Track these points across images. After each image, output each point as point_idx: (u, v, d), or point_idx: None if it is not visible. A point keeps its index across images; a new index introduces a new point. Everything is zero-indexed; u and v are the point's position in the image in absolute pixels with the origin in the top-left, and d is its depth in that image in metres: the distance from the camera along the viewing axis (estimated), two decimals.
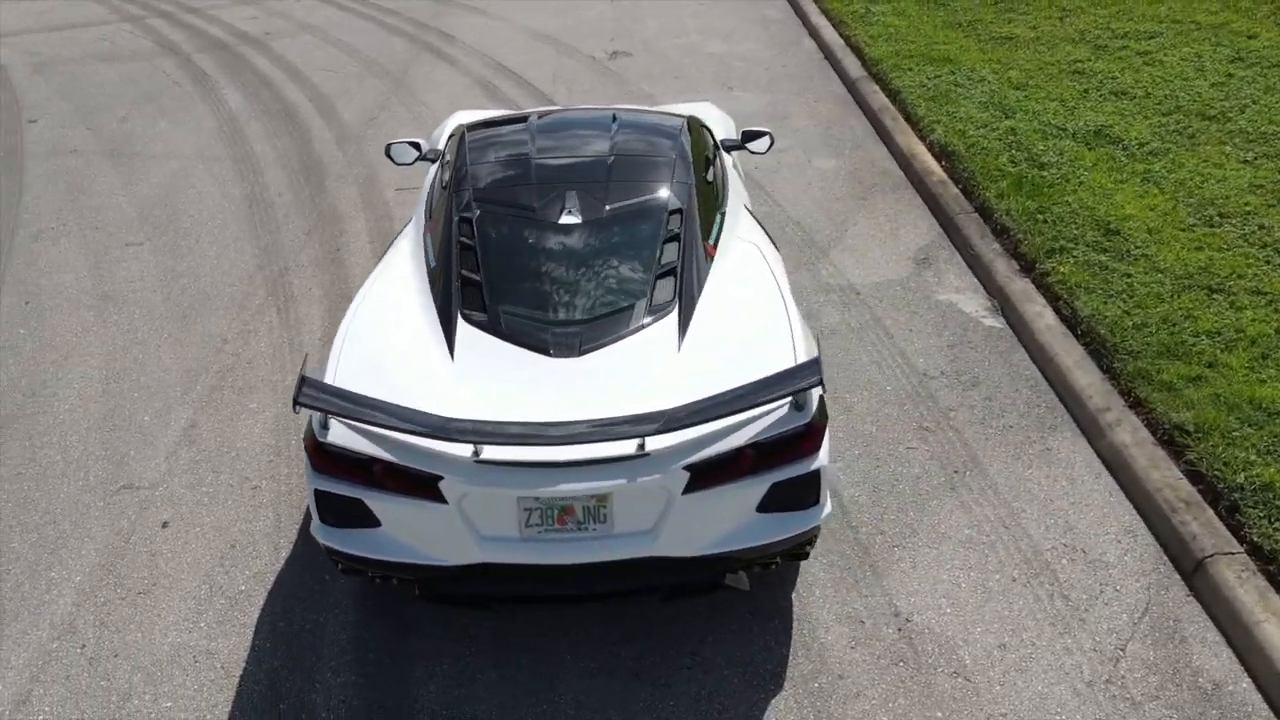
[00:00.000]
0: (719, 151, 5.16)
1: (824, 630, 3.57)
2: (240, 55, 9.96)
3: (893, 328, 5.34)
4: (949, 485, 4.24)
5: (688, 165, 4.28)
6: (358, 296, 3.82)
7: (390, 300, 3.76)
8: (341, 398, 3.02)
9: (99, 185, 7.12)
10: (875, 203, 6.73)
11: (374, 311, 3.68)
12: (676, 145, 4.41)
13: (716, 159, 5.00)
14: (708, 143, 4.90)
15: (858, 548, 3.92)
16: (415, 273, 3.94)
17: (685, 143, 4.46)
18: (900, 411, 4.69)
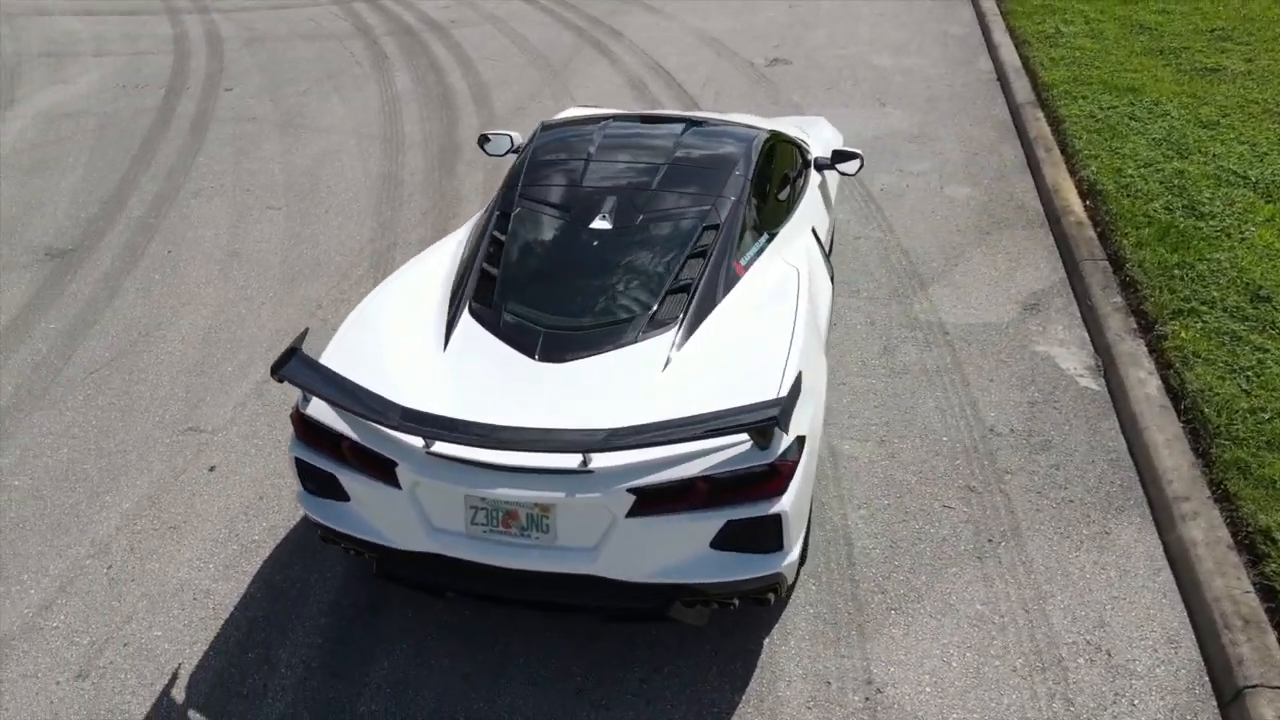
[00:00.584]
0: (806, 170, 4.97)
1: (785, 684, 3.37)
2: (422, 41, 10.56)
3: (972, 375, 4.94)
4: (976, 554, 3.88)
5: (742, 181, 4.14)
6: (386, 279, 3.97)
7: (410, 285, 3.88)
8: (317, 374, 3.15)
9: (262, 152, 7.77)
10: (998, 239, 6.25)
11: (389, 296, 3.81)
12: (738, 159, 4.28)
13: (800, 177, 4.81)
14: (788, 159, 4.73)
15: (852, 603, 3.68)
16: (448, 262, 4.05)
17: (750, 157, 4.32)
18: (949, 466, 4.34)
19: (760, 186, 4.29)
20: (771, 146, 4.61)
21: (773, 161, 4.55)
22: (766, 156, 4.49)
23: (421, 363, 3.43)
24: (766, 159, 4.48)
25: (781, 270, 3.99)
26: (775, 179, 4.51)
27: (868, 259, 6.05)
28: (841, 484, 4.25)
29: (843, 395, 4.81)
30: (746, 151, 4.38)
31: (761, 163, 4.39)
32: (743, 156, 4.33)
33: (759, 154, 4.40)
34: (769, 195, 4.36)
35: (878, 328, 5.35)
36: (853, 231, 6.38)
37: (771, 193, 4.40)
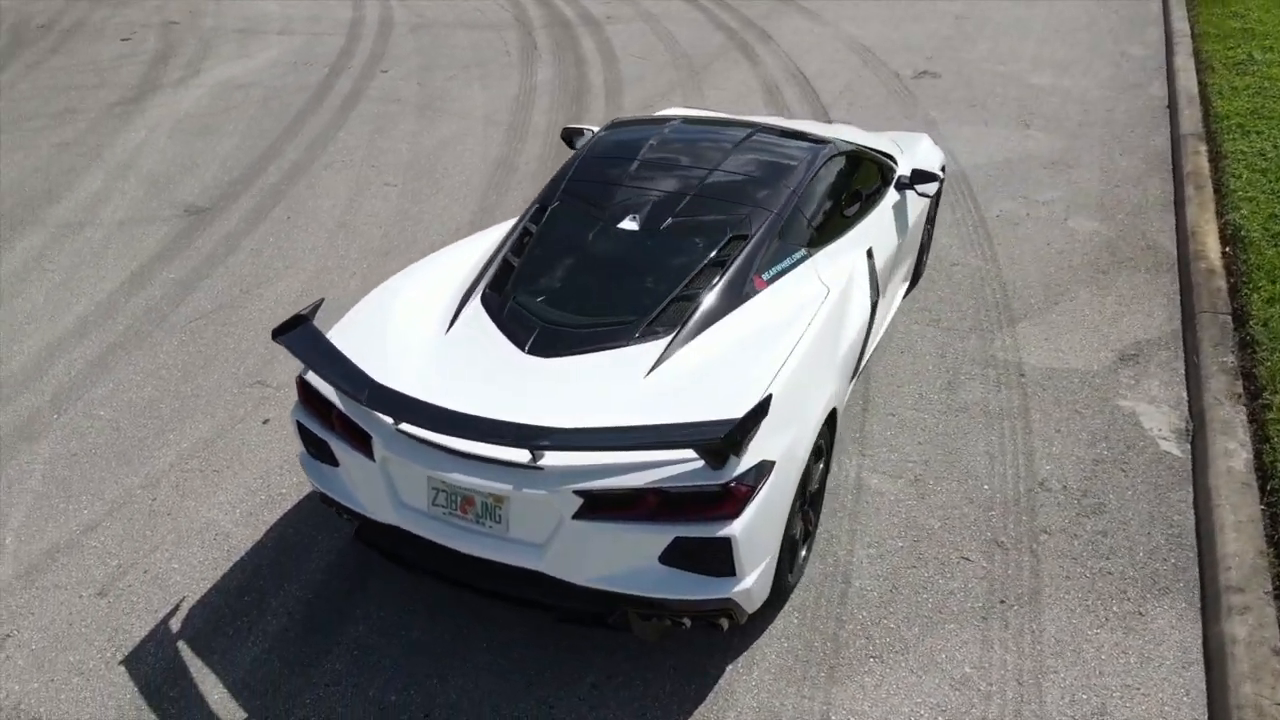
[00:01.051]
0: (883, 188, 4.75)
1: (735, 714, 3.25)
2: (574, 35, 10.80)
3: (1038, 423, 4.57)
4: (982, 614, 3.60)
5: (787, 194, 4.01)
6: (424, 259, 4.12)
7: (441, 267, 4.00)
8: (311, 343, 3.31)
9: (396, 131, 8.21)
10: (1114, 279, 5.74)
11: (415, 275, 3.94)
12: (791, 172, 4.14)
13: (872, 195, 4.61)
14: (858, 176, 4.54)
15: (830, 643, 3.49)
16: (482, 249, 4.14)
17: (805, 171, 4.17)
18: (981, 516, 4.04)
19: (811, 201, 4.14)
20: (837, 161, 4.43)
21: (834, 177, 4.38)
22: (826, 171, 4.32)
23: (421, 343, 3.53)
24: (825, 174, 4.31)
25: (812, 289, 3.84)
26: (833, 195, 4.34)
27: (959, 288, 5.70)
28: (858, 519, 4.05)
29: (888, 427, 4.57)
30: (803, 165, 4.23)
31: (818, 177, 4.23)
32: (797, 169, 4.19)
33: (817, 168, 4.25)
34: (821, 211, 4.19)
35: (947, 361, 5.04)
36: (951, 258, 6.03)
37: (825, 208, 4.23)
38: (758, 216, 3.91)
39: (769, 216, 3.92)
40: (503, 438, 2.89)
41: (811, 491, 3.68)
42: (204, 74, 9.61)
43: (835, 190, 4.38)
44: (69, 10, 11.87)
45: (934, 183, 4.81)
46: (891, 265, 4.71)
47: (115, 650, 3.53)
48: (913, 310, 5.50)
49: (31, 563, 3.93)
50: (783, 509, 3.17)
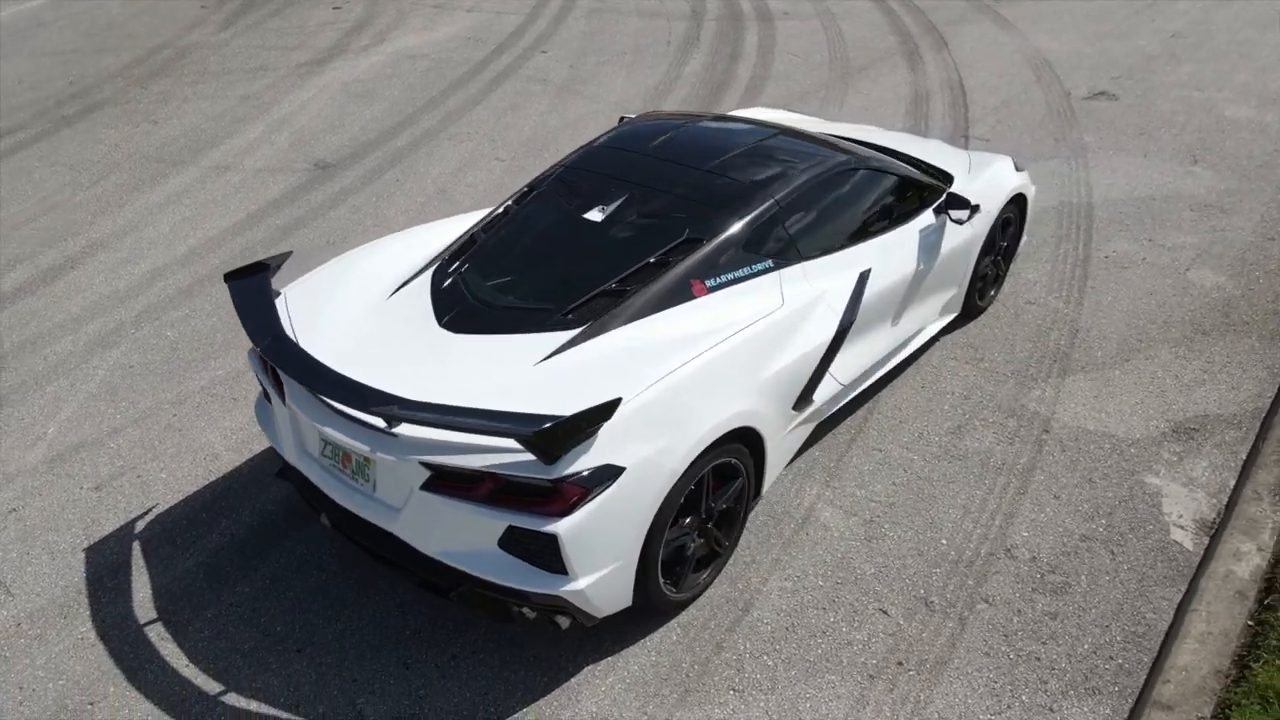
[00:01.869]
0: (914, 210, 4.45)
1: (571, 715, 3.22)
2: (742, 29, 10.70)
3: (1038, 485, 4.13)
4: (872, 672, 3.33)
5: (764, 202, 3.85)
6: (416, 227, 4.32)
7: (423, 235, 4.17)
8: (250, 292, 3.57)
9: (528, 110, 8.53)
10: (1211, 344, 5.03)
11: (396, 239, 4.15)
12: (780, 181, 3.97)
13: (896, 215, 4.34)
14: (877, 194, 4.30)
15: (699, 667, 3.37)
16: (464, 225, 4.28)
17: (797, 182, 3.99)
18: (923, 571, 3.72)
19: (796, 213, 3.96)
20: (846, 176, 4.20)
21: (837, 191, 4.16)
22: (827, 185, 4.11)
23: (361, 306, 3.72)
24: (826, 187, 4.10)
25: (761, 303, 3.68)
26: (832, 209, 4.12)
27: (1022, 329, 5.21)
28: (789, 549, 3.85)
29: (869, 461, 4.29)
30: (798, 176, 4.04)
31: (813, 190, 4.04)
32: (789, 180, 4.01)
33: (813, 180, 4.05)
34: (808, 224, 4.00)
35: (970, 403, 4.64)
36: (1030, 295, 5.50)
37: (814, 222, 4.03)
38: (719, 222, 3.78)
39: (734, 223, 3.78)
40: (352, 399, 3.03)
41: (718, 510, 3.55)
42: (387, 43, 10.40)
43: (836, 205, 4.15)
44: None
45: (965, 210, 4.43)
46: (906, 292, 4.39)
47: (85, 538, 4.02)
48: (956, 345, 5.09)
49: (60, 452, 4.52)
50: (638, 518, 3.10)
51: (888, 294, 4.28)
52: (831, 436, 4.45)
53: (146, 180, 7.25)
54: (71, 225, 6.60)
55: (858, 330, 4.13)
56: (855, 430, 4.49)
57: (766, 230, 3.88)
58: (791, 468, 4.26)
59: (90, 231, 6.52)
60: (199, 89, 9.10)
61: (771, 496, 4.12)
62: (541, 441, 2.78)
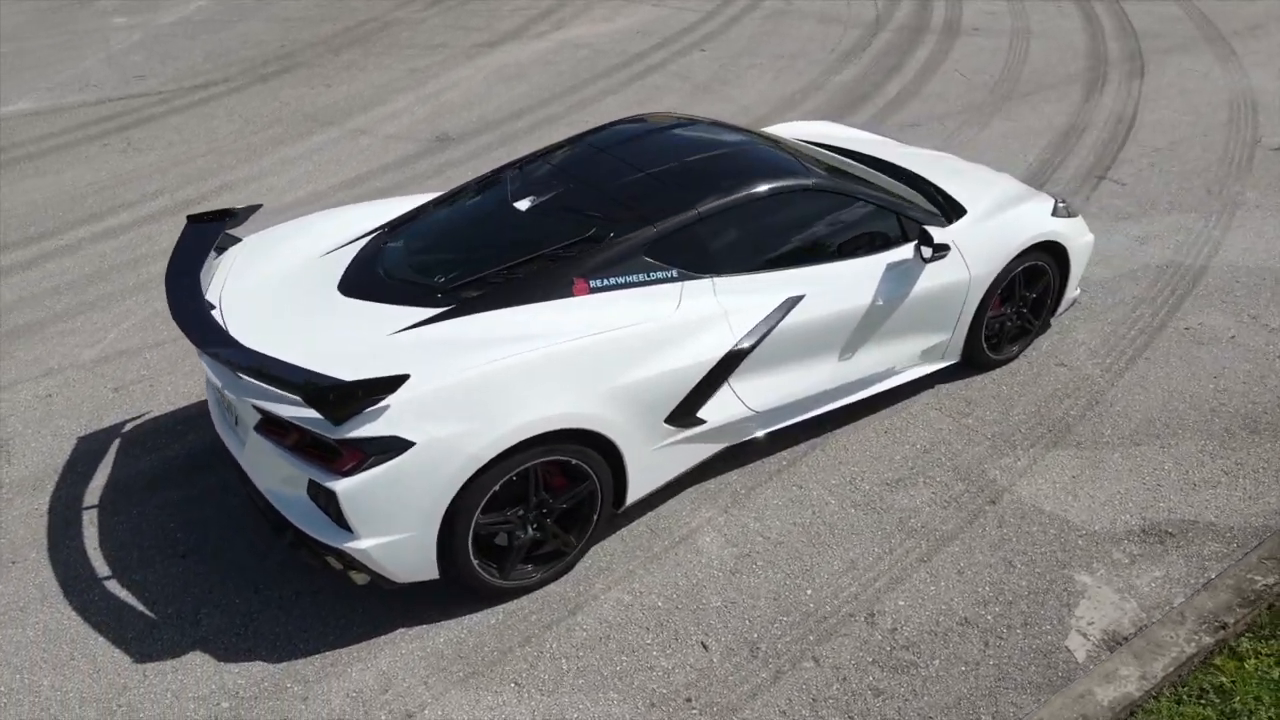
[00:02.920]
0: (885, 243, 4.19)
1: (358, 672, 3.38)
2: (918, 42, 10.18)
3: (948, 556, 3.77)
4: (651, 700, 3.24)
5: (686, 213, 3.81)
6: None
7: (383, 209, 4.45)
8: (195, 243, 3.93)
9: (653, 105, 8.65)
10: (1253, 445, 4.34)
11: (349, 209, 4.46)
12: (716, 193, 3.88)
13: (857, 244, 4.13)
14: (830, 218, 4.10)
15: (496, 654, 3.42)
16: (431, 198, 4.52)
17: (736, 196, 3.89)
18: (769, 616, 3.54)
19: (720, 225, 3.86)
20: (797, 197, 4.02)
21: (783, 211, 4.00)
22: (771, 202, 3.97)
23: (293, 262, 4.03)
24: (767, 205, 3.96)
25: (643, 310, 3.63)
26: (768, 228, 3.97)
27: (1032, 391, 4.71)
28: (649, 564, 3.79)
29: (781, 496, 4.09)
30: (739, 189, 3.93)
31: (747, 205, 3.92)
32: (724, 192, 3.91)
33: (753, 196, 3.92)
34: (733, 239, 3.88)
35: (925, 458, 4.28)
36: (1065, 356, 4.95)
37: (740, 239, 3.90)
38: (630, 225, 3.76)
39: (642, 228, 3.75)
40: (196, 335, 3.32)
41: (559, 508, 3.56)
42: (561, 31, 10.88)
43: (775, 225, 4.00)
44: None
45: (931, 249, 4.08)
46: (860, 328, 4.12)
47: (86, 428, 4.69)
48: (948, 396, 4.69)
49: (107, 355, 5.27)
50: (432, 495, 3.19)
51: (830, 325, 4.05)
52: (760, 464, 4.28)
53: (295, 136, 8.13)
54: (216, 168, 7.55)
55: (780, 357, 3.95)
56: (787, 462, 4.29)
57: (680, 239, 3.81)
58: (700, 488, 4.15)
59: (227, 175, 7.43)
60: (379, 60, 10.00)
61: (665, 510, 4.05)
62: (317, 400, 2.97)
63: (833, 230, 4.15)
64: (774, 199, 4.00)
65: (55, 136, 8.22)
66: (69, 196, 7.12)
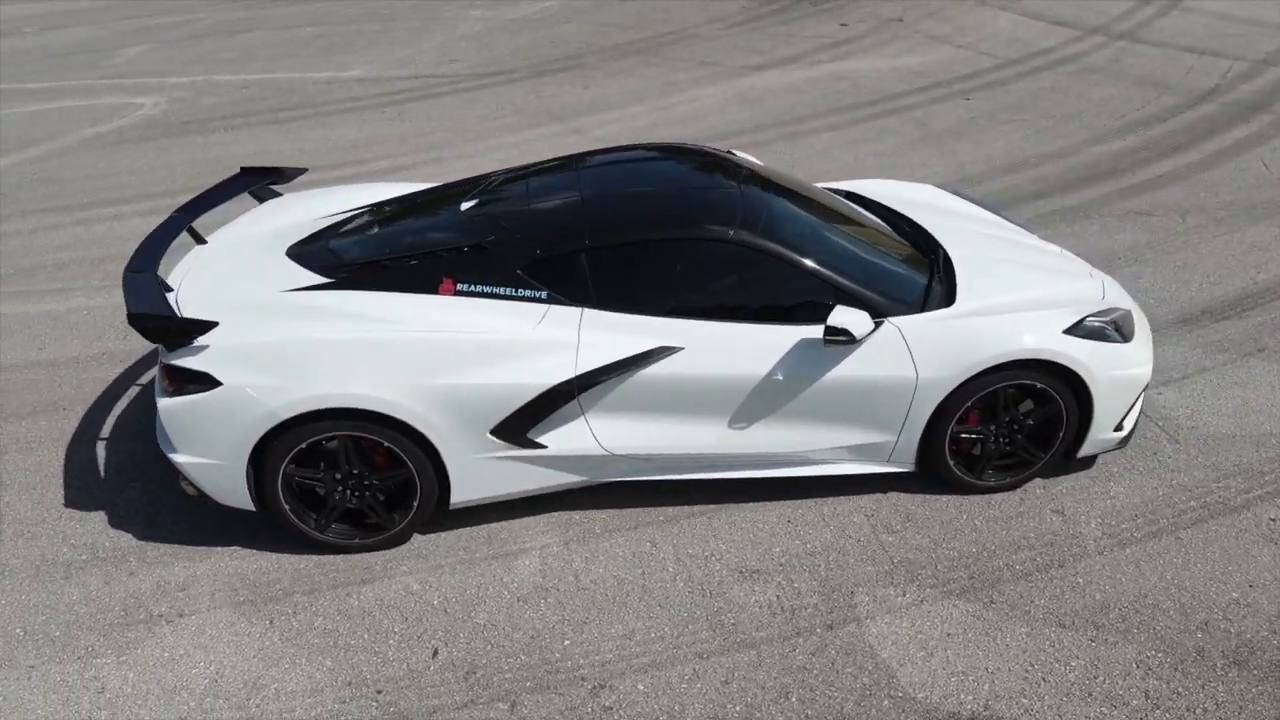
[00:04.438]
0: (808, 313, 3.87)
1: (166, 573, 3.91)
2: (1238, 122, 8.52)
3: (731, 662, 3.42)
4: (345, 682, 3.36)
5: (570, 239, 3.86)
6: None
7: (390, 191, 4.92)
8: (219, 191, 4.65)
9: (865, 149, 8.22)
10: (1230, 685, 3.30)
11: (368, 187, 4.98)
12: (619, 229, 3.86)
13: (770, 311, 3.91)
14: (739, 278, 3.88)
15: (275, 594, 3.75)
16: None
17: (641, 236, 3.83)
18: (506, 652, 3.47)
19: (608, 260, 3.82)
20: (715, 249, 3.82)
21: (686, 258, 3.84)
22: (677, 248, 3.84)
23: (285, 223, 4.55)
24: (671, 249, 3.84)
25: (504, 324, 3.75)
26: (664, 273, 3.86)
27: (997, 532, 3.98)
28: (458, 566, 3.88)
29: (629, 547, 3.95)
30: (646, 229, 3.87)
31: (647, 245, 3.84)
32: (629, 229, 3.87)
33: (657, 238, 3.83)
34: (616, 275, 3.82)
35: (803, 561, 3.87)
36: (1070, 507, 4.10)
37: (627, 277, 3.83)
38: (520, 242, 3.87)
39: (524, 246, 3.84)
40: (130, 265, 3.98)
41: (374, 484, 3.80)
42: (838, 63, 10.66)
43: (674, 271, 3.85)
44: None
45: (827, 328, 3.61)
46: (757, 399, 3.81)
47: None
48: (888, 505, 4.12)
49: None
50: (237, 434, 3.60)
51: (710, 386, 3.79)
52: (642, 511, 4.13)
53: (522, 127, 8.98)
54: (443, 144, 8.61)
55: (644, 405, 3.80)
56: (666, 519, 4.09)
57: (561, 265, 3.82)
58: (561, 516, 4.11)
59: (447, 150, 8.44)
60: (648, 69, 10.59)
61: (514, 525, 4.08)
62: (136, 327, 3.52)
63: (745, 290, 3.87)
64: (678, 246, 3.84)
65: (354, 100, 9.90)
66: (327, 149, 8.58)
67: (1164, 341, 5.20)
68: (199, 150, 8.61)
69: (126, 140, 8.91)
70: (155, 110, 9.74)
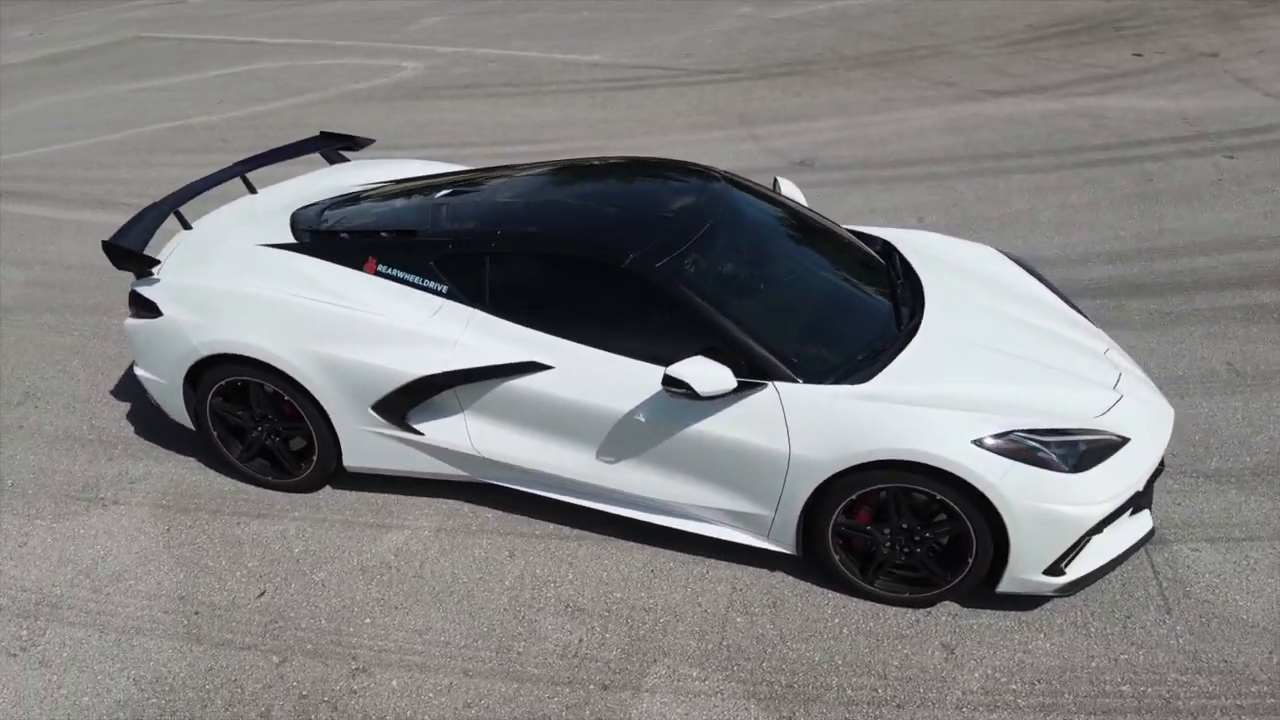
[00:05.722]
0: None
1: (101, 469, 4.53)
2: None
3: (441, 684, 3.34)
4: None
5: (477, 242, 3.95)
6: None
7: (424, 169, 5.21)
8: (291, 147, 5.19)
9: (1054, 192, 7.22)
10: None
11: (383, 164, 5.30)
12: (531, 239, 3.87)
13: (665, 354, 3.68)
14: (631, 316, 3.71)
15: (141, 499, 4.23)
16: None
17: (546, 250, 3.82)
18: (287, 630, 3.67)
19: (507, 268, 3.86)
20: (598, 269, 3.71)
21: (582, 280, 3.75)
22: (574, 268, 3.78)
23: (315, 189, 4.97)
24: (569, 269, 3.79)
25: (401, 310, 3.94)
26: (556, 291, 3.82)
27: (852, 643, 3.48)
28: (313, 525, 4.13)
29: (484, 549, 3.97)
30: (558, 245, 3.84)
31: (545, 261, 3.85)
32: (543, 241, 3.88)
33: (560, 257, 3.80)
34: (511, 284, 3.86)
35: (636, 613, 3.67)
36: (969, 646, 3.46)
37: (521, 288, 3.85)
38: (435, 239, 4.02)
39: (442, 241, 3.97)
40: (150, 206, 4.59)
41: (287, 433, 4.15)
42: (1099, 97, 9.35)
43: (567, 289, 3.79)
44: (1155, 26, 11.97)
45: (665, 379, 3.30)
46: (609, 429, 3.66)
47: None
48: (768, 584, 3.74)
49: None
50: (174, 359, 4.13)
51: (573, 411, 3.70)
52: (525, 522, 4.11)
53: (708, 127, 8.94)
54: (614, 134, 8.82)
55: (513, 416, 3.80)
56: (540, 535, 4.04)
57: (465, 264, 3.90)
58: (454, 507, 4.21)
59: (609, 140, 8.64)
60: (875, 83, 10.01)
61: (404, 500, 4.25)
62: (103, 247, 4.11)
63: (630, 321, 3.67)
64: (570, 264, 3.75)
65: (575, 83, 10.40)
66: (510, 125, 9.14)
67: (1248, 489, 4.13)
68: (415, 114, 9.57)
69: (372, 99, 10.14)
70: (411, 74, 10.95)
